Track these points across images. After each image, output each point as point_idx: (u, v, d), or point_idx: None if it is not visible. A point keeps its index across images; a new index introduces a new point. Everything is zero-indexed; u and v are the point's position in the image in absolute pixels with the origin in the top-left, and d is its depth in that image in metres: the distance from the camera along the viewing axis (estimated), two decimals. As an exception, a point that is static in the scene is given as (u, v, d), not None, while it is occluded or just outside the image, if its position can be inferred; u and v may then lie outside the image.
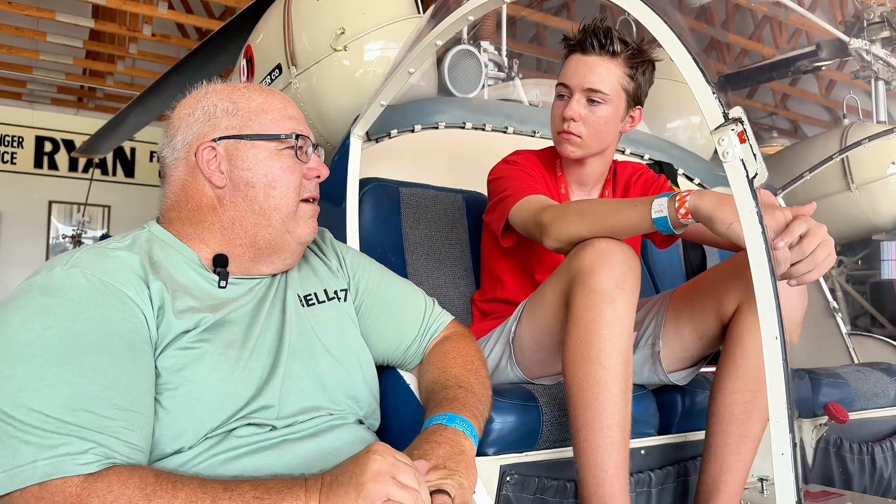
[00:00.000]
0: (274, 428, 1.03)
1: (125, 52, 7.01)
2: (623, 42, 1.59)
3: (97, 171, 9.16)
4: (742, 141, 0.92)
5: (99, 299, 0.93)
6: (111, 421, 0.86)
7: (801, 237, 1.09)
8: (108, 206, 9.52)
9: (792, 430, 0.87)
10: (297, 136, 1.13)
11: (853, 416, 1.91)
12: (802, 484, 1.88)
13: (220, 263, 1.09)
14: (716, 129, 0.95)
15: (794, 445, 0.87)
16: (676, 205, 1.22)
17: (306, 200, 1.16)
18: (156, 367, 0.96)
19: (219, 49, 4.34)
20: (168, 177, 1.14)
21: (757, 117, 9.85)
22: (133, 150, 9.83)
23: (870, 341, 2.60)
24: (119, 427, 0.87)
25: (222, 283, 1.08)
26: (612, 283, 1.25)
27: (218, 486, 0.84)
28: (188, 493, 0.82)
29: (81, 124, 9.03)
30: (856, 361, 2.52)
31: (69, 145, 9.29)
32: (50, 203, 9.28)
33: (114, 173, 9.76)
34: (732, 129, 0.93)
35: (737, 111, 0.94)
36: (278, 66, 2.28)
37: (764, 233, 0.89)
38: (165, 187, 1.15)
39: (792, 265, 1.10)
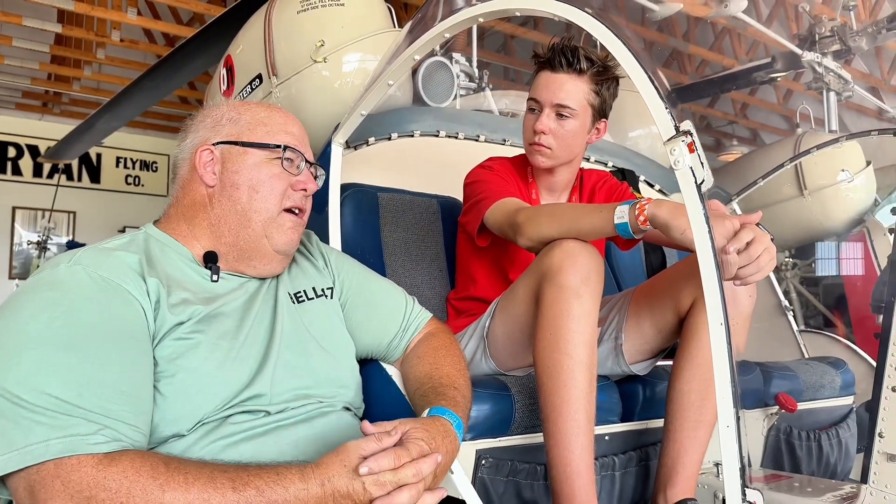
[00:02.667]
0: (267, 413, 1.10)
1: (92, 57, 6.97)
2: (589, 60, 1.71)
3: (62, 177, 9.05)
4: (691, 151, 1.04)
5: (101, 294, 1.00)
6: (117, 405, 0.93)
7: (748, 244, 1.22)
8: (74, 213, 9.41)
9: (736, 406, 0.98)
10: (286, 148, 1.21)
11: (802, 405, 2.04)
12: (759, 468, 2.02)
13: (210, 259, 1.17)
14: (668, 140, 1.07)
15: (738, 419, 0.99)
16: (636, 212, 1.34)
17: (290, 211, 1.23)
18: (154, 357, 1.03)
19: (191, 56, 4.37)
20: (176, 178, 1.24)
21: (717, 125, 10.11)
22: (99, 156, 9.73)
23: (820, 338, 2.76)
24: (124, 411, 0.93)
25: (214, 278, 1.15)
26: (578, 280, 1.36)
27: (227, 484, 0.88)
28: (200, 488, 0.87)
29: (46, 129, 8.92)
30: (806, 356, 2.67)
31: (33, 151, 9.16)
32: (14, 209, 9.14)
33: (79, 179, 9.64)
34: (683, 141, 1.05)
35: (686, 124, 1.06)
36: (259, 76, 2.36)
37: (710, 231, 1.01)
38: (172, 188, 1.25)
39: (739, 268, 1.22)
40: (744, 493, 0.98)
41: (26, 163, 9.24)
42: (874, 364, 2.56)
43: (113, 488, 0.85)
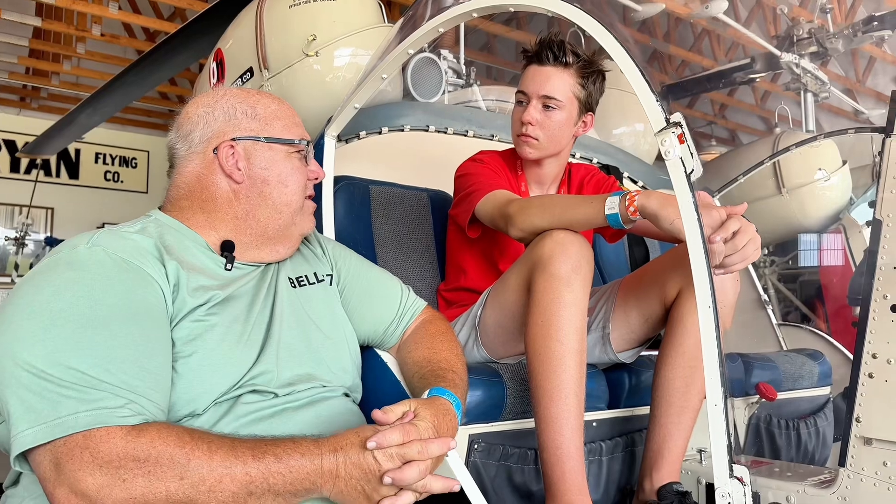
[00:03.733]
0: (275, 395, 1.13)
1: (72, 51, 6.91)
2: (575, 54, 1.76)
3: (40, 173, 8.94)
4: (681, 142, 1.09)
5: (123, 275, 1.03)
6: (140, 382, 0.95)
7: (734, 234, 1.27)
8: (52, 209, 9.30)
9: (724, 385, 1.03)
10: (307, 143, 1.28)
11: (781, 395, 2.10)
12: (741, 455, 2.07)
13: (227, 248, 1.20)
14: (659, 131, 1.11)
15: (725, 398, 1.03)
16: (626, 203, 1.38)
17: (307, 198, 1.30)
18: (171, 337, 1.05)
19: (175, 51, 4.36)
20: (179, 167, 1.24)
21: (696, 126, 10.24)
22: (78, 152, 9.62)
23: (797, 331, 2.84)
24: (147, 388, 0.96)
25: (228, 266, 1.19)
26: (569, 268, 1.40)
27: (247, 452, 0.92)
28: (222, 456, 0.91)
29: (24, 124, 8.81)
30: (785, 349, 2.74)
31: (10, 146, 9.04)
32: (-10, 205, 9.02)
33: (57, 175, 9.53)
34: (673, 132, 1.09)
35: (677, 116, 1.10)
36: (250, 69, 2.38)
37: (699, 219, 1.05)
38: (176, 177, 1.25)
39: (725, 257, 1.27)
40: (731, 470, 1.02)
41: (3, 158, 9.11)
42: (850, 355, 2.65)
43: (141, 458, 0.88)
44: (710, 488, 1.71)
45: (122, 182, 9.97)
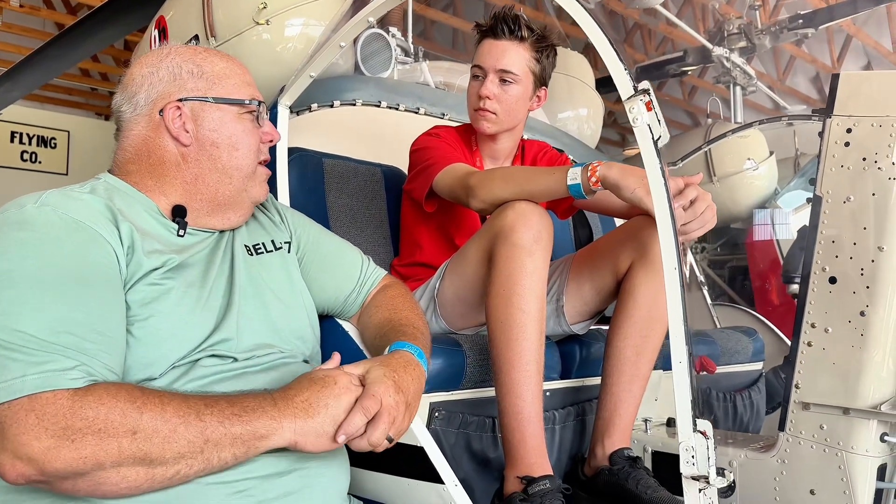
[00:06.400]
0: (235, 360, 1.11)
1: (-11, 23, 6.57)
2: (529, 28, 1.79)
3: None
4: (649, 109, 1.12)
5: (73, 235, 0.99)
6: (92, 344, 0.92)
7: (692, 201, 1.31)
8: (-37, 189, 8.81)
9: (688, 343, 1.07)
10: (259, 103, 1.23)
11: (719, 369, 2.19)
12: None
13: (179, 213, 1.16)
14: (627, 98, 1.13)
15: (689, 355, 1.07)
16: (588, 174, 1.41)
17: (261, 163, 1.25)
18: (126, 301, 1.02)
19: (101, 25, 4.19)
20: (126, 131, 1.19)
21: (624, 121, 10.51)
22: (-10, 130, 9.12)
23: (729, 309, 2.97)
24: (99, 350, 0.93)
25: (181, 232, 1.15)
26: (530, 238, 1.42)
27: (199, 401, 0.92)
28: (175, 407, 0.90)
29: (-67, 99, 8.30)
30: (718, 326, 2.86)
31: (-82, 123, 8.50)
32: None
33: (-31, 154, 9.02)
34: (641, 99, 1.12)
35: (644, 84, 1.13)
36: (195, 37, 2.30)
37: (666, 183, 1.09)
38: (123, 140, 1.20)
39: (684, 224, 1.32)
40: (695, 424, 1.06)
41: None
42: (779, 332, 2.78)
43: (90, 416, 0.85)
44: (657, 455, 1.77)
45: (39, 163, 9.44)
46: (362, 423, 0.97)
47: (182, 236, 1.15)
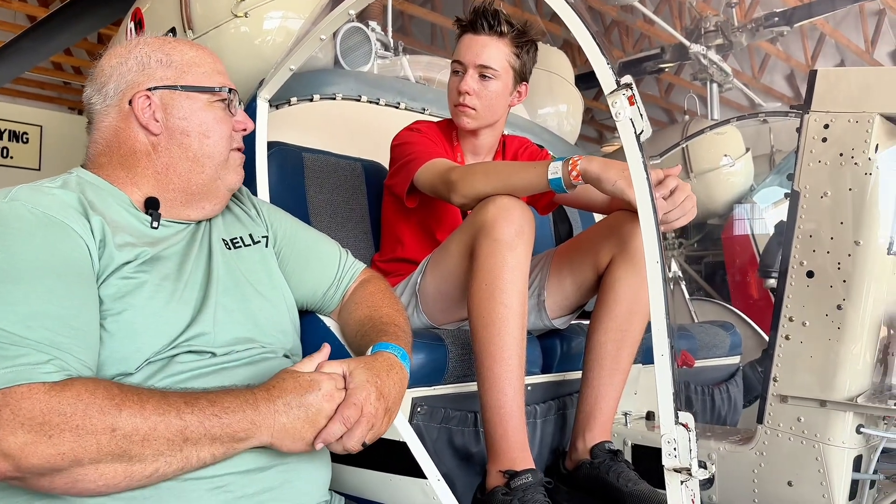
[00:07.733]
0: (213, 355, 1.10)
1: (-42, 14, 6.43)
2: (509, 23, 1.78)
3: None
4: (631, 103, 1.12)
5: (44, 230, 0.97)
6: (65, 338, 0.91)
7: (672, 192, 1.32)
8: (-70, 186, 8.62)
9: (670, 337, 1.07)
10: (230, 90, 1.21)
11: (697, 363, 2.21)
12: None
13: (152, 206, 1.15)
14: (610, 93, 1.13)
15: (671, 348, 1.08)
16: (569, 168, 1.41)
17: (234, 150, 1.24)
18: (99, 295, 1.00)
19: (75, 19, 4.13)
20: (97, 123, 1.18)
21: (602, 118, 10.58)
22: (-40, 125, 8.95)
23: (706, 304, 2.99)
24: (73, 345, 0.91)
25: (154, 224, 1.14)
26: (512, 233, 1.42)
27: (179, 399, 0.91)
28: (154, 404, 0.88)
29: None
30: (696, 321, 2.89)
31: None
32: None
33: (-65, 150, 8.84)
34: (623, 94, 1.12)
35: (627, 78, 1.13)
36: (172, 30, 2.27)
37: (648, 176, 1.09)
38: (94, 133, 1.18)
39: (665, 213, 1.33)
40: (677, 416, 1.07)
41: None
42: (755, 327, 2.81)
43: (67, 412, 0.83)
44: (637, 448, 1.79)
45: (11, 158, 9.27)
46: (341, 432, 0.97)
47: (156, 228, 1.14)
